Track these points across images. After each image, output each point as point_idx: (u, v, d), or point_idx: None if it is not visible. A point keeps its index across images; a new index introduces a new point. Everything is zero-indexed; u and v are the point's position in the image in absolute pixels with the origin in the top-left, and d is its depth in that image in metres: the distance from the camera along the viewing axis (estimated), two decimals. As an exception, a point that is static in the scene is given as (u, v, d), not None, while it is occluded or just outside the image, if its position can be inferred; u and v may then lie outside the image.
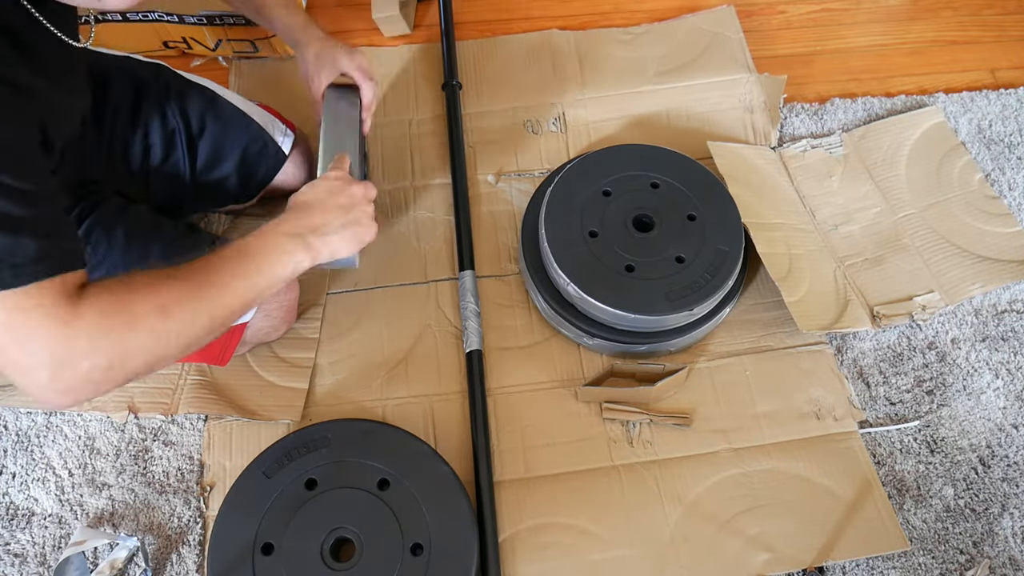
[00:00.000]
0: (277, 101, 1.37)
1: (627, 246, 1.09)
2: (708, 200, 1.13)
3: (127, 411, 1.08)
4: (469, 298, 1.14)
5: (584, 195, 1.13)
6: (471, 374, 1.09)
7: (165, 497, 1.04)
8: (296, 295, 1.10)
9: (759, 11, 1.53)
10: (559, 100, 1.39)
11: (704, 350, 1.14)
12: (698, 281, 1.06)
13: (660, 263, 1.08)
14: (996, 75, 1.44)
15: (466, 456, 1.05)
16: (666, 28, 1.49)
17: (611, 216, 1.11)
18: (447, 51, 1.40)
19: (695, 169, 1.17)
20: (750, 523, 1.01)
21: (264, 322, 1.05)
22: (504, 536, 1.00)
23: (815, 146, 1.32)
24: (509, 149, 1.34)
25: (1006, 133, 1.34)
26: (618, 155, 1.18)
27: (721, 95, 1.38)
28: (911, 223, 1.24)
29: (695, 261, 1.07)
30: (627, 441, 1.07)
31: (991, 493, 1.04)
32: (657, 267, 1.07)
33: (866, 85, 1.43)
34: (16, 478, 1.05)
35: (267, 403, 1.09)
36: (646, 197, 1.13)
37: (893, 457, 1.06)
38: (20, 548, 1.01)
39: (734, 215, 1.12)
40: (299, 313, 1.15)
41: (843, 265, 1.20)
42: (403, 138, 1.35)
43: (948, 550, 1.00)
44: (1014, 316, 1.17)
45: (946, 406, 1.10)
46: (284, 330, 1.09)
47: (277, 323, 1.07)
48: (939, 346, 1.15)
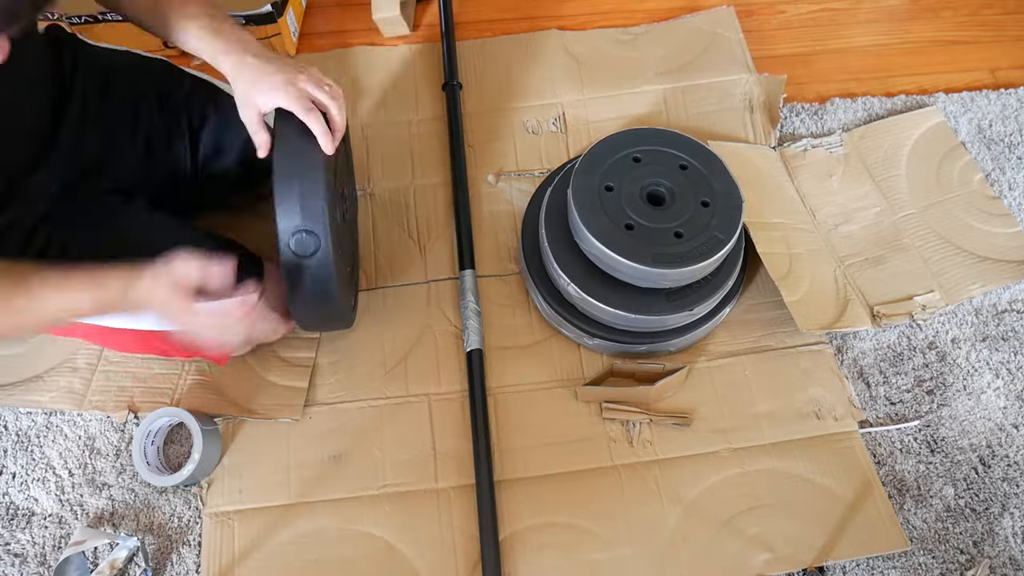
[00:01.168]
0: (277, 101, 1.37)
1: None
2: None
3: (127, 410, 1.08)
4: (469, 297, 1.14)
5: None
6: (471, 373, 1.09)
7: (165, 497, 1.04)
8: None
9: (759, 11, 1.53)
10: (559, 100, 1.39)
11: (704, 350, 1.14)
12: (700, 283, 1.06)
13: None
14: (996, 75, 1.44)
15: (466, 456, 1.06)
16: (666, 28, 1.49)
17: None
18: (447, 51, 1.40)
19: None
20: (750, 523, 1.01)
21: (263, 324, 1.05)
22: (504, 535, 1.00)
23: (815, 146, 1.32)
24: (509, 149, 1.34)
25: (1006, 133, 1.34)
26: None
27: (721, 95, 1.38)
28: (911, 223, 1.24)
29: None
30: (627, 441, 1.07)
31: (991, 493, 1.04)
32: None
33: (866, 85, 1.43)
34: (16, 478, 1.05)
35: (267, 402, 1.09)
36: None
37: (893, 457, 1.06)
38: (20, 548, 1.01)
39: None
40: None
41: (843, 265, 1.20)
42: (403, 138, 1.35)
43: (948, 550, 1.00)
44: (1014, 316, 1.17)
45: (946, 406, 1.10)
46: (284, 332, 1.09)
47: (276, 325, 1.07)
48: (939, 346, 1.15)
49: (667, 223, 1.03)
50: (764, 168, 1.28)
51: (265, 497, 1.04)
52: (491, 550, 0.97)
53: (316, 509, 1.03)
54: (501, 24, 1.51)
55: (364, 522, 1.02)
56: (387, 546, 1.01)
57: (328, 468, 1.06)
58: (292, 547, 1.01)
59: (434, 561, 0.99)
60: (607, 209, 1.04)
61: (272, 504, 1.04)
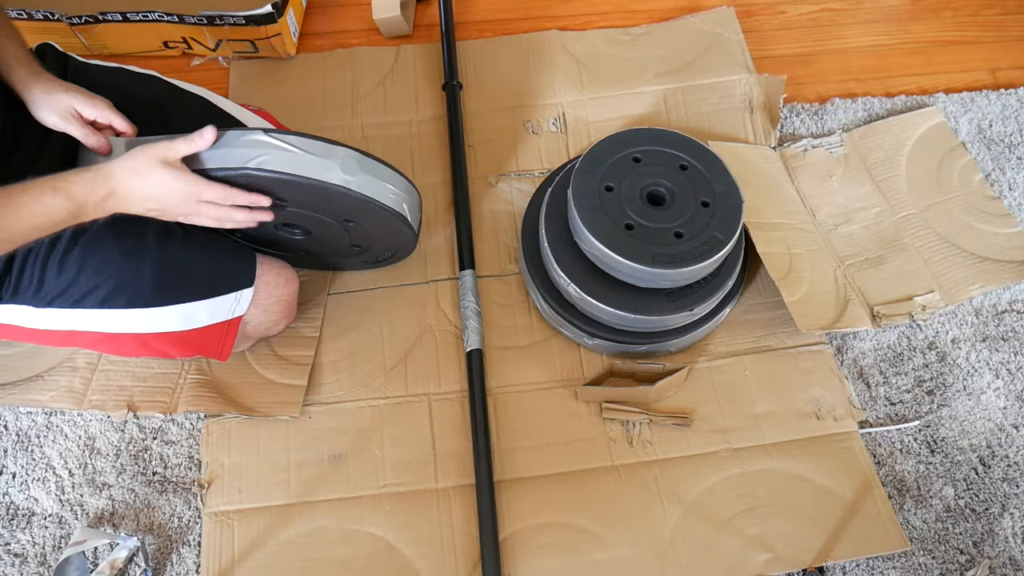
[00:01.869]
0: (276, 101, 1.37)
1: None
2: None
3: (126, 409, 1.08)
4: (470, 297, 1.15)
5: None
6: (471, 373, 1.09)
7: (165, 497, 1.04)
8: (295, 289, 1.09)
9: (759, 11, 1.53)
10: (559, 100, 1.39)
11: (704, 350, 1.14)
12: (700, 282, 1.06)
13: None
14: (996, 75, 1.44)
15: (466, 455, 1.06)
16: (666, 29, 1.49)
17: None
18: (447, 51, 1.40)
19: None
20: (750, 523, 1.01)
21: (263, 316, 1.05)
22: (504, 535, 1.00)
23: (815, 146, 1.32)
24: (509, 149, 1.34)
25: (1006, 133, 1.34)
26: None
27: (721, 95, 1.38)
28: (911, 223, 1.24)
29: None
30: (627, 441, 1.07)
31: (991, 493, 1.04)
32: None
33: (866, 85, 1.43)
34: (16, 478, 1.05)
35: (266, 400, 1.09)
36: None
37: (893, 457, 1.06)
38: (20, 548, 1.01)
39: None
40: (300, 312, 1.15)
41: (843, 265, 1.20)
42: (403, 138, 1.35)
43: (948, 550, 1.00)
44: (1014, 316, 1.17)
45: (946, 406, 1.10)
46: (284, 325, 1.09)
47: (277, 318, 1.07)
48: (939, 346, 1.15)
49: (667, 223, 1.03)
50: (764, 168, 1.28)
51: (265, 497, 1.04)
52: (491, 550, 0.97)
53: (316, 509, 1.03)
54: (501, 24, 1.51)
55: (364, 522, 1.02)
56: (387, 546, 1.01)
57: (328, 468, 1.06)
58: (292, 547, 1.01)
59: (434, 561, 0.99)
60: (607, 209, 1.04)
61: (272, 504, 1.04)
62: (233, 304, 0.99)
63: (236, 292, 0.99)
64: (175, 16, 1.33)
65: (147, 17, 1.34)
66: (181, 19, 1.34)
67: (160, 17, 1.33)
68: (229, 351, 1.03)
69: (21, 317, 0.93)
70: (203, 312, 0.97)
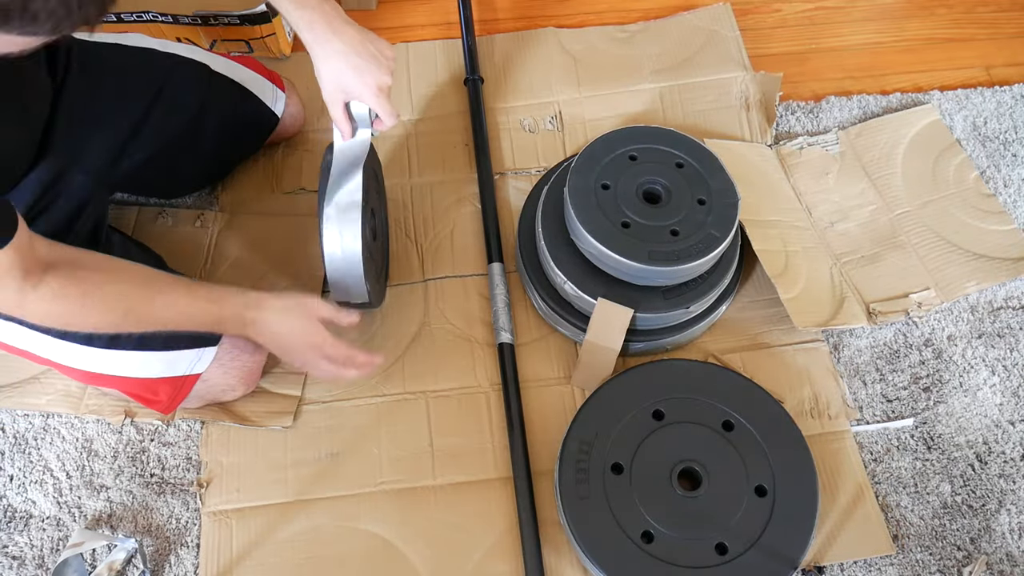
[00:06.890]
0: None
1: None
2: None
3: (123, 416, 1.07)
4: (500, 288, 1.15)
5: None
6: (503, 366, 1.09)
7: (163, 499, 1.04)
8: (261, 360, 1.05)
9: (755, 9, 1.54)
10: (555, 98, 1.39)
11: (700, 348, 1.15)
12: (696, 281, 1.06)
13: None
14: (991, 72, 1.44)
15: (465, 455, 1.06)
16: (662, 26, 1.49)
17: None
18: (467, 46, 1.40)
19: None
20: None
21: (221, 379, 1.01)
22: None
23: (811, 144, 1.32)
24: (505, 147, 1.34)
25: (1001, 130, 1.35)
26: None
27: (717, 93, 1.39)
28: (907, 221, 1.24)
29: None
30: (624, 439, 1.07)
31: (988, 489, 1.04)
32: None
33: (862, 83, 1.43)
34: (14, 480, 1.05)
35: (259, 409, 1.09)
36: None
37: (890, 454, 1.07)
38: (18, 551, 1.01)
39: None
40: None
41: (839, 262, 1.20)
42: (400, 136, 1.35)
43: (945, 547, 1.00)
44: (1010, 313, 1.17)
45: (943, 403, 1.10)
46: (241, 392, 1.05)
47: (234, 383, 1.03)
48: (935, 343, 1.15)
49: (663, 221, 1.03)
50: (760, 166, 1.28)
51: (263, 496, 1.04)
52: (532, 543, 0.96)
53: (314, 507, 1.03)
54: (497, 23, 1.51)
55: (362, 519, 1.02)
56: (385, 543, 1.01)
57: (325, 466, 1.06)
58: (290, 545, 1.01)
59: (431, 558, 0.99)
60: (603, 207, 1.04)
61: (270, 502, 1.04)
62: (194, 360, 0.98)
63: (199, 349, 0.98)
64: (169, 16, 1.33)
65: (141, 18, 1.33)
66: (175, 19, 1.33)
67: (154, 18, 1.33)
68: (176, 407, 1.02)
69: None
70: (159, 363, 0.97)
